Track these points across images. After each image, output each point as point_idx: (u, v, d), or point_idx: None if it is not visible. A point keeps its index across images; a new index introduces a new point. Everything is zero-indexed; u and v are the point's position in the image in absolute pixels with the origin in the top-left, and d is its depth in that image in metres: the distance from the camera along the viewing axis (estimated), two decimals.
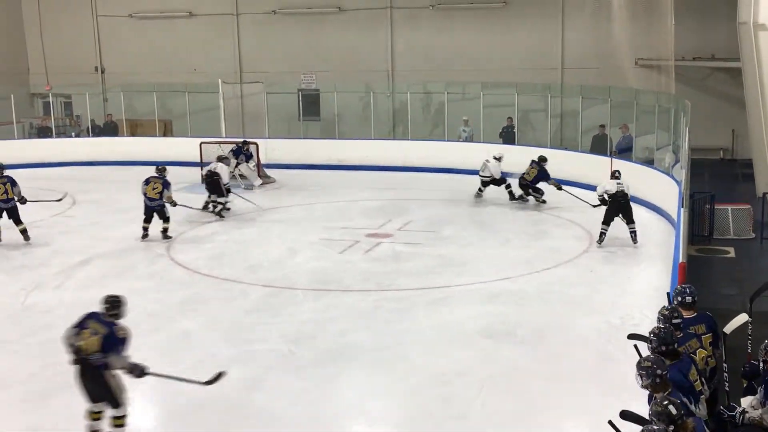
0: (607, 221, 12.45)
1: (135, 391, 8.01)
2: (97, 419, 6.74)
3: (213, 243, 13.42)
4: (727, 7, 17.60)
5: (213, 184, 15.16)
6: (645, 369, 4.88)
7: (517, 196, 15.73)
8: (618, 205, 12.43)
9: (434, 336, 9.11)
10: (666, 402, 4.44)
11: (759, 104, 12.98)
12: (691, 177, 12.81)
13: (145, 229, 13.37)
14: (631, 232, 12.51)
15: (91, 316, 6.75)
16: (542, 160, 15.49)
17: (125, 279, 11.46)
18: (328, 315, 9.90)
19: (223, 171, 15.30)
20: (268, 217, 15.38)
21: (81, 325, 6.67)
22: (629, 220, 12.54)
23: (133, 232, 13.55)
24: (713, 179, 16.77)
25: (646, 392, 4.95)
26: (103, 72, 25.95)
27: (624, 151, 17.19)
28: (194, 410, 7.42)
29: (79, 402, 7.67)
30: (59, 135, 23.70)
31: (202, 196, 15.51)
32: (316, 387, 7.77)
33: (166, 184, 13.33)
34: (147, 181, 13.37)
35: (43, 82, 25.41)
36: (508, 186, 15.91)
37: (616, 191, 12.41)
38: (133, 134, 23.31)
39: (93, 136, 23.48)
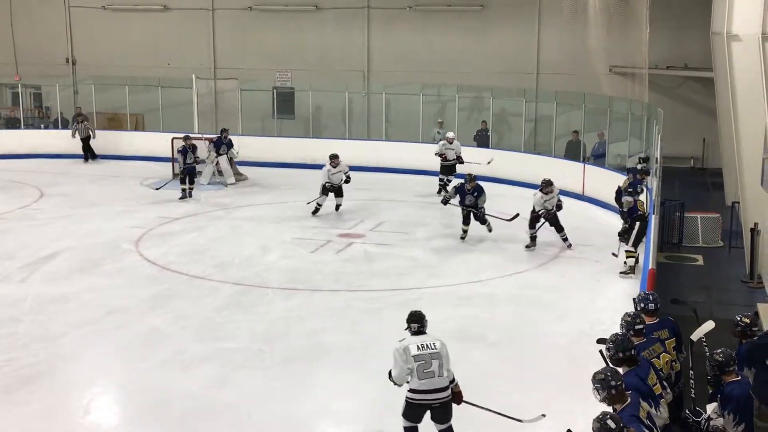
0: (532, 226, 12.61)
1: (102, 385, 7.94)
2: None
3: (183, 239, 13.29)
4: (700, 17, 17.78)
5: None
6: (600, 381, 4.82)
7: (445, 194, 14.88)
8: (547, 214, 12.53)
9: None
10: (607, 416, 4.42)
11: (730, 114, 13.12)
12: (662, 185, 12.93)
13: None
14: (563, 239, 12.64)
15: None
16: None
17: (92, 274, 11.31)
18: (299, 314, 9.85)
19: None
20: (240, 215, 15.26)
21: None
22: (558, 228, 12.59)
23: (101, 227, 13.37)
24: (683, 187, 16.95)
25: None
26: (74, 64, 25.55)
27: (598, 158, 17.32)
28: (161, 408, 7.33)
29: (42, 396, 7.56)
30: (28, 127, 23.31)
31: (175, 192, 15.36)
32: (286, 386, 7.72)
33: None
34: None
35: (13, 73, 24.96)
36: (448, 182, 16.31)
37: (539, 211, 12.48)
38: (103, 128, 22.97)
39: (62, 129, 23.13)
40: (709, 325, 6.04)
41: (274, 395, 7.56)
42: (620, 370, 5.18)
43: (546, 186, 12.41)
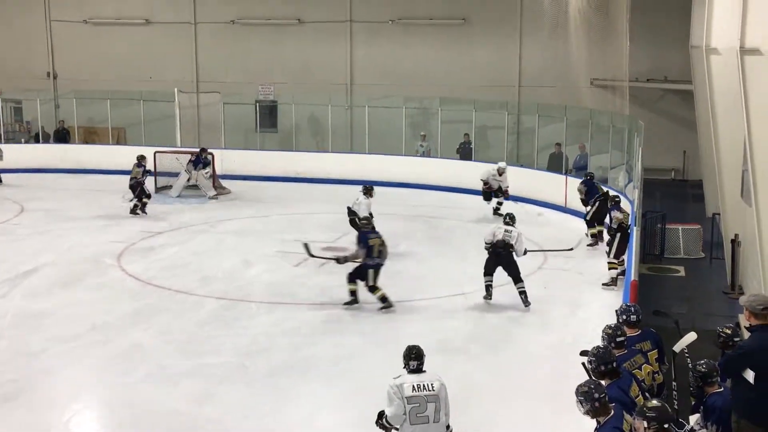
0: (487, 272, 10.61)
1: (83, 402, 7.86)
2: None
3: (165, 254, 13.21)
4: (680, 30, 18.03)
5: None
6: (583, 394, 4.81)
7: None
8: (497, 256, 10.55)
9: (388, 350, 9.04)
10: None
11: (710, 126, 13.25)
12: (644, 196, 13.01)
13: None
14: (519, 293, 10.47)
15: None
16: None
17: (74, 289, 11.21)
18: (282, 328, 9.80)
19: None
20: (223, 228, 15.20)
21: None
22: (515, 278, 10.52)
23: (83, 242, 13.26)
24: (665, 199, 17.08)
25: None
26: (55, 78, 25.45)
27: (580, 170, 17.42)
28: (144, 424, 7.27)
29: (23, 413, 7.47)
30: (8, 141, 23.14)
31: (156, 205, 15.26)
32: (269, 400, 7.68)
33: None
34: None
35: None
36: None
37: (495, 241, 10.54)
38: (85, 141, 22.90)
39: (44, 143, 23.00)
40: (691, 336, 6.06)
41: (258, 410, 7.52)
42: (602, 382, 5.19)
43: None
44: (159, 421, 7.28)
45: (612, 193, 13.60)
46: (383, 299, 10.31)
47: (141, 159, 16.31)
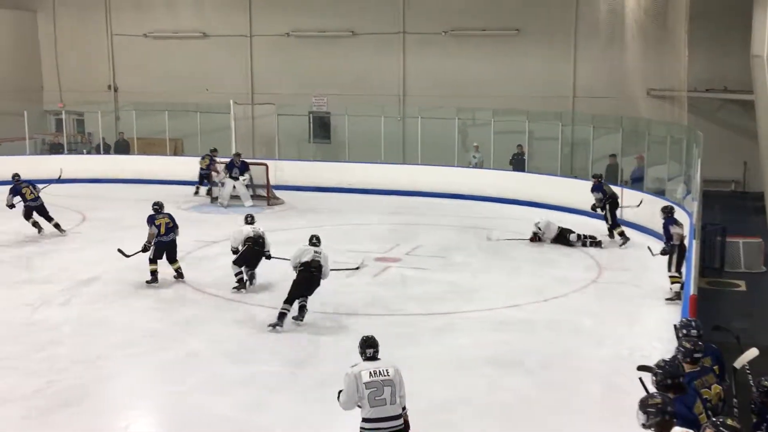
0: (289, 300, 10.02)
1: (140, 408, 8.00)
2: None
3: (219, 263, 13.36)
4: (740, 39, 17.62)
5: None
6: (654, 406, 4.68)
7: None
8: (309, 277, 10.13)
9: (439, 362, 9.02)
10: None
11: None
12: (703, 209, 12.73)
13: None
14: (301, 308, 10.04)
15: None
16: None
17: (131, 297, 11.44)
18: (333, 338, 9.83)
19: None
20: (275, 239, 15.28)
21: None
22: (299, 309, 10.05)
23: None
24: (724, 211, 16.67)
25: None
26: (116, 90, 26.11)
27: (636, 181, 17.13)
28: (196, 430, 7.36)
29: (82, 419, 7.63)
30: (71, 152, 23.82)
31: (210, 215, 15.50)
32: (318, 410, 7.69)
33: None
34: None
35: (57, 99, 25.61)
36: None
37: (311, 260, 10.18)
38: (144, 152, 23.41)
39: (104, 154, 23.59)
40: (752, 352, 5.91)
41: (308, 419, 7.54)
42: None
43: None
44: (210, 429, 7.37)
45: (667, 203, 13.29)
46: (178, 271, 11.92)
47: (213, 152, 18.90)
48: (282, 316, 9.92)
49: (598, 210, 15.15)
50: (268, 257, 11.77)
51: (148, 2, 25.45)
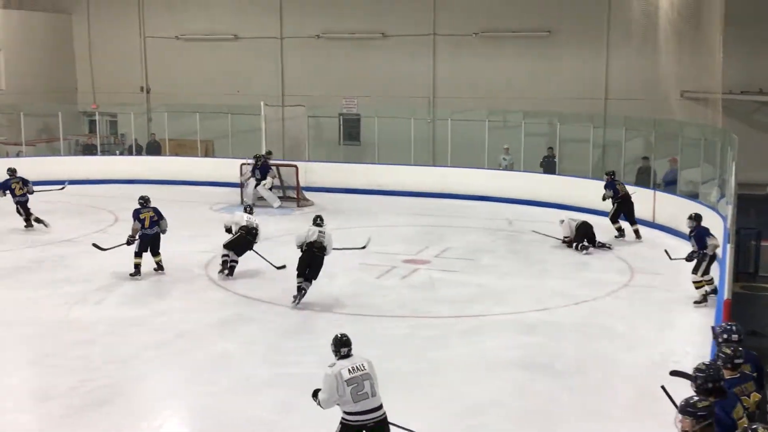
0: (300, 274, 10.99)
1: (172, 408, 8.08)
2: None
3: (251, 264, 13.45)
4: None
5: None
6: (706, 409, 4.61)
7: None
8: (312, 256, 10.91)
9: (468, 365, 9.01)
10: None
11: None
12: (737, 212, 12.55)
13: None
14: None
15: None
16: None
17: (165, 297, 11.59)
18: (363, 340, 9.81)
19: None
20: None
21: None
22: (298, 290, 10.99)
23: (172, 251, 13.65)
24: (760, 215, 16.41)
25: None
26: (148, 92, 26.41)
27: (669, 184, 16.96)
28: (228, 430, 7.42)
29: (114, 418, 7.72)
30: (104, 153, 24.14)
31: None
32: None
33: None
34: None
35: (90, 101, 25.95)
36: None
37: (315, 240, 10.98)
38: (175, 154, 23.64)
39: (136, 155, 23.87)
40: None
41: (337, 421, 7.55)
42: None
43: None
44: (242, 430, 7.42)
45: (694, 211, 12.87)
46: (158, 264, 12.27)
47: (268, 155, 18.72)
48: (300, 289, 10.91)
49: (609, 200, 15.26)
50: (251, 248, 12.44)
51: (180, 5, 25.71)
